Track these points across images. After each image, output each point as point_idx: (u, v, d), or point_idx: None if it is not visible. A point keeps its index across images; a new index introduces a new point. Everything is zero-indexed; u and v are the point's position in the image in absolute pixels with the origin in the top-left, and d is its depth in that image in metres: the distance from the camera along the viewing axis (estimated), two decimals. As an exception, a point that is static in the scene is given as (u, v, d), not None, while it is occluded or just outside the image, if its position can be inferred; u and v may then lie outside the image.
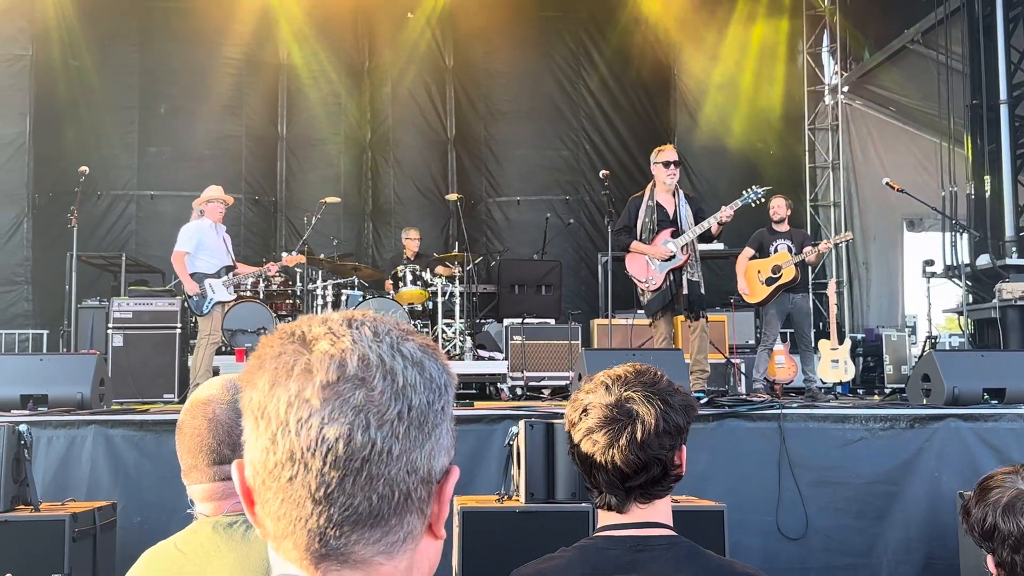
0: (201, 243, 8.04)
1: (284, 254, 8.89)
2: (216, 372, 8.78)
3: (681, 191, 7.56)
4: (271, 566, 0.92)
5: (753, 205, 7.47)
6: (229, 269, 8.19)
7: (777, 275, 8.32)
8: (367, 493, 0.86)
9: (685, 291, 7.31)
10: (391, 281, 9.76)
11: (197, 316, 8.03)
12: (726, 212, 7.22)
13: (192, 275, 7.95)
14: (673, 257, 7.31)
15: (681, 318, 7.78)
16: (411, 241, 10.71)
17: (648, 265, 7.36)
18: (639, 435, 1.81)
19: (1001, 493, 1.91)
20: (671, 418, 1.84)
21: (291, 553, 0.88)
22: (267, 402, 0.87)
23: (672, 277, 7.33)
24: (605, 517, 1.91)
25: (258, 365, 0.90)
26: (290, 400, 0.86)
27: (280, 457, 0.86)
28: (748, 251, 8.60)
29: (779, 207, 8.67)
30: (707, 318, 7.55)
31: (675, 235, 7.36)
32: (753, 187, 7.49)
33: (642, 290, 7.48)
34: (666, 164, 7.49)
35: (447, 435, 0.92)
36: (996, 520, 1.88)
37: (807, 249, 8.39)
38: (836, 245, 9.86)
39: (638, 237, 7.43)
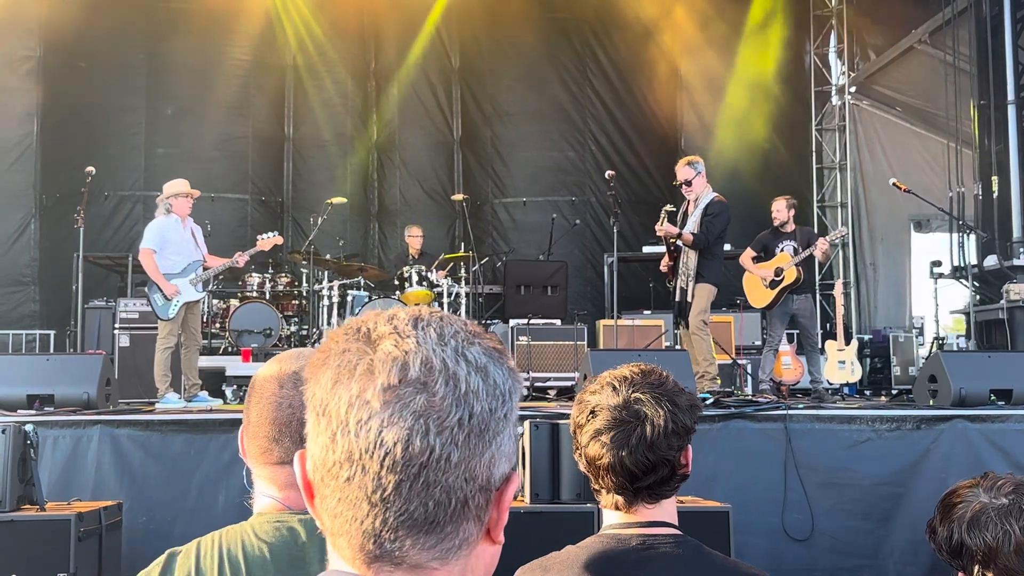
0: (166, 240, 7.63)
1: (259, 238, 8.24)
2: (211, 376, 8.77)
3: (707, 198, 7.63)
4: (328, 560, 0.92)
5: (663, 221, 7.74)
6: (198, 264, 7.76)
7: (779, 277, 8.25)
8: (423, 499, 0.85)
9: (677, 299, 7.68)
10: (397, 281, 9.75)
11: (161, 320, 7.53)
12: (657, 227, 7.66)
13: None
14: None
15: None
16: (414, 239, 10.71)
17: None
18: (648, 436, 1.81)
19: (965, 508, 1.87)
20: (679, 419, 1.83)
21: (345, 551, 0.89)
22: (329, 400, 0.87)
23: (673, 284, 7.79)
24: (611, 516, 1.90)
25: (322, 360, 0.90)
26: (351, 400, 0.85)
27: (339, 456, 0.86)
28: (750, 252, 8.51)
29: (779, 211, 8.46)
30: (697, 323, 7.56)
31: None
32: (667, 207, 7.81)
33: None
34: (678, 185, 7.88)
35: (509, 442, 0.91)
36: (963, 537, 1.85)
37: (808, 249, 8.36)
38: (832, 243, 9.83)
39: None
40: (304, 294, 10.26)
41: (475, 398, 0.87)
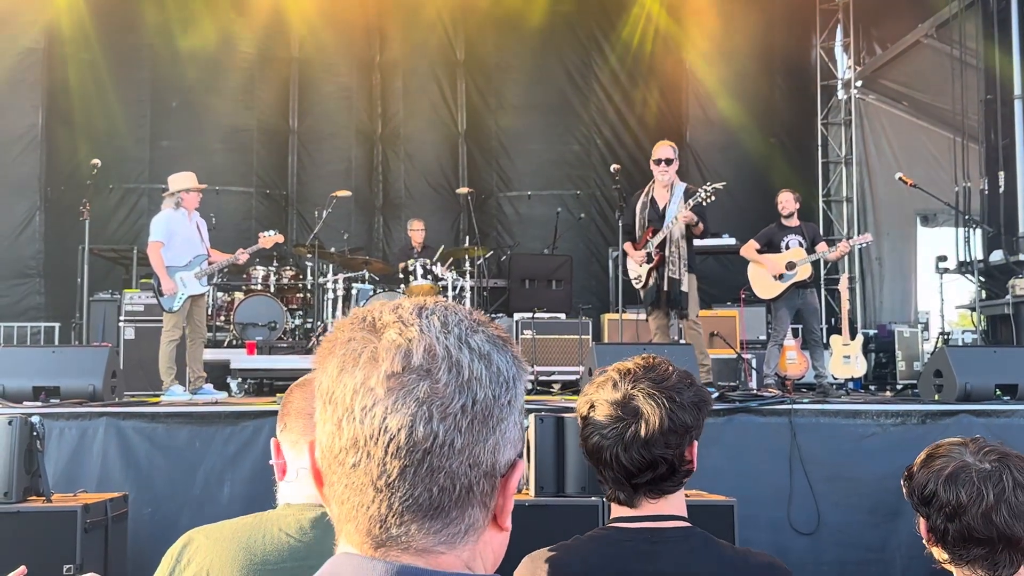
0: (173, 233, 7.63)
1: (261, 235, 8.22)
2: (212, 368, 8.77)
3: (680, 186, 7.59)
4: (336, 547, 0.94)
5: (704, 204, 7.44)
6: (203, 258, 7.76)
7: (792, 271, 8.23)
8: (428, 485, 0.87)
9: (666, 288, 7.48)
10: (401, 275, 9.74)
11: (166, 312, 7.55)
12: (684, 213, 7.36)
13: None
14: (649, 258, 7.53)
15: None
16: (416, 232, 10.72)
17: (635, 265, 7.66)
18: (643, 434, 1.78)
19: (946, 463, 1.93)
20: (677, 416, 1.79)
21: (353, 536, 0.90)
22: (335, 387, 0.89)
23: (657, 274, 7.51)
24: (618, 510, 1.89)
25: (329, 349, 0.92)
26: (356, 387, 0.87)
27: (344, 443, 0.88)
28: (753, 243, 8.50)
29: (787, 201, 8.52)
30: (694, 316, 7.61)
31: (656, 233, 7.53)
32: (705, 186, 7.49)
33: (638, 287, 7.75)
34: (656, 162, 7.73)
35: (513, 428, 0.92)
36: (937, 488, 1.91)
37: (827, 249, 8.35)
38: (857, 246, 9.77)
39: (635, 235, 7.67)
40: (308, 287, 10.26)
41: (478, 385, 0.88)
